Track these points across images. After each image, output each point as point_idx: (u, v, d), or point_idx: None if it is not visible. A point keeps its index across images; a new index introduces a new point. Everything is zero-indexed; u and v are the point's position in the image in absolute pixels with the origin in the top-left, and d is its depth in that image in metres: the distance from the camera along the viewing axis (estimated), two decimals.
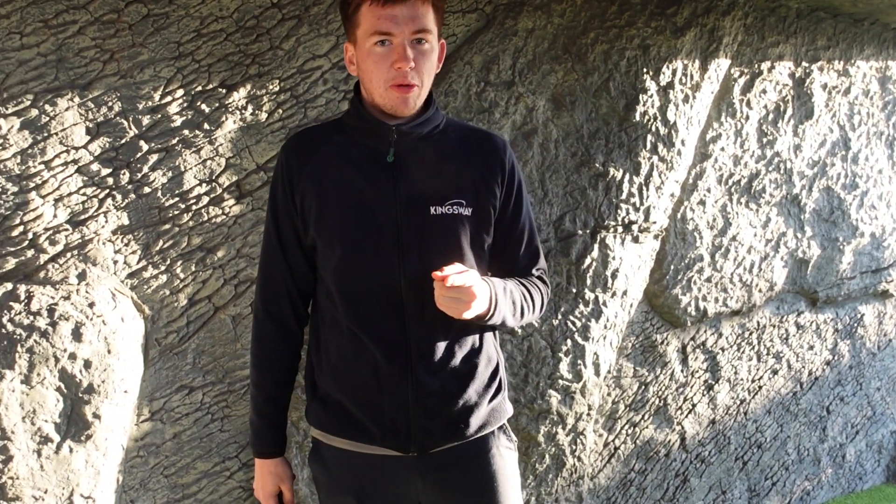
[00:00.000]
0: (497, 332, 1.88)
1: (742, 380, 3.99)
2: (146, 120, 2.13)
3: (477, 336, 1.78)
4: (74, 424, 2.09)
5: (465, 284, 1.55)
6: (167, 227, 2.20)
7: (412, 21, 1.57)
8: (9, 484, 2.01)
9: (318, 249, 1.73)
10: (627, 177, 3.12)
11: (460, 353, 1.73)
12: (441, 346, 1.71)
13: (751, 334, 3.96)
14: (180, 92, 2.16)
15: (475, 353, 1.77)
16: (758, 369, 4.05)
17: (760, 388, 4.10)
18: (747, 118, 3.51)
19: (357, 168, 1.69)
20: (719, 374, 3.91)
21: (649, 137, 3.14)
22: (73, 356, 2.07)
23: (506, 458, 1.83)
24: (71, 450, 2.09)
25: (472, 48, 2.70)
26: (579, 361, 3.13)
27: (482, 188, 1.74)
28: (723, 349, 3.89)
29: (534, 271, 1.85)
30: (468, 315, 1.59)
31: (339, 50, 2.38)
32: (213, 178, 2.25)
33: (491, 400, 1.80)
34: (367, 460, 1.74)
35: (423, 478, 1.74)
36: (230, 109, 2.24)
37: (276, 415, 1.85)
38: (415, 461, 1.72)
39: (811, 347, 4.24)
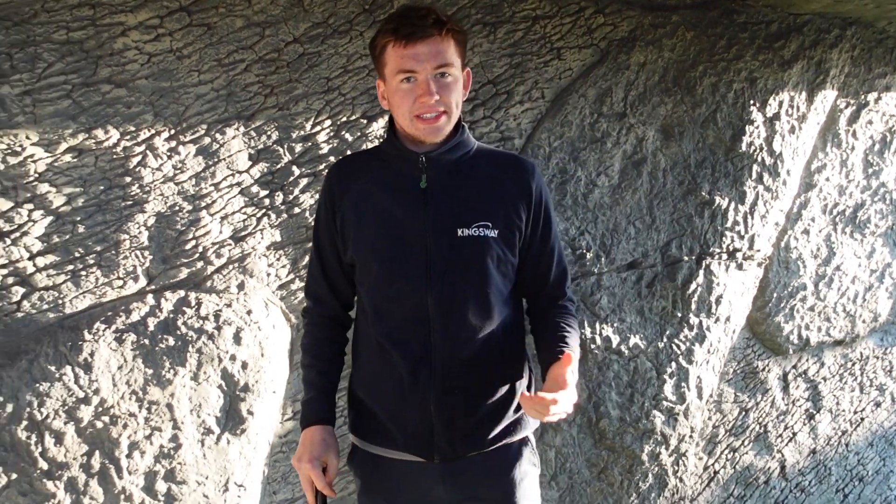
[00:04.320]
0: (526, 347, 1.99)
1: (844, 411, 4.04)
2: (298, 147, 2.42)
3: (502, 352, 1.88)
4: (232, 419, 2.38)
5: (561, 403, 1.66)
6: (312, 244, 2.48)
7: (433, 57, 1.71)
8: (178, 468, 2.31)
9: (356, 268, 1.89)
10: (733, 205, 3.27)
11: (483, 369, 1.84)
12: (464, 363, 1.83)
13: (854, 365, 4.02)
14: (328, 122, 2.45)
15: (499, 368, 1.88)
16: (860, 401, 4.10)
17: (863, 419, 4.14)
18: (853, 148, 3.62)
19: (391, 193, 1.83)
20: (821, 404, 3.97)
21: (755, 167, 3.29)
22: (233, 357, 2.36)
23: (526, 472, 1.92)
24: (228, 442, 2.38)
25: (586, 81, 2.92)
26: (683, 384, 3.27)
27: (509, 211, 1.84)
28: (825, 379, 3.96)
29: (566, 289, 1.97)
30: (570, 406, 1.69)
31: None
32: None
33: (515, 412, 1.91)
34: (396, 465, 1.88)
35: (444, 483, 1.86)
36: (370, 138, 2.51)
37: (327, 386, 1.95)
38: (438, 467, 1.85)
39: None
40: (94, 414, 2.20)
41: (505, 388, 1.89)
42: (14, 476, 2.12)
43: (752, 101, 3.23)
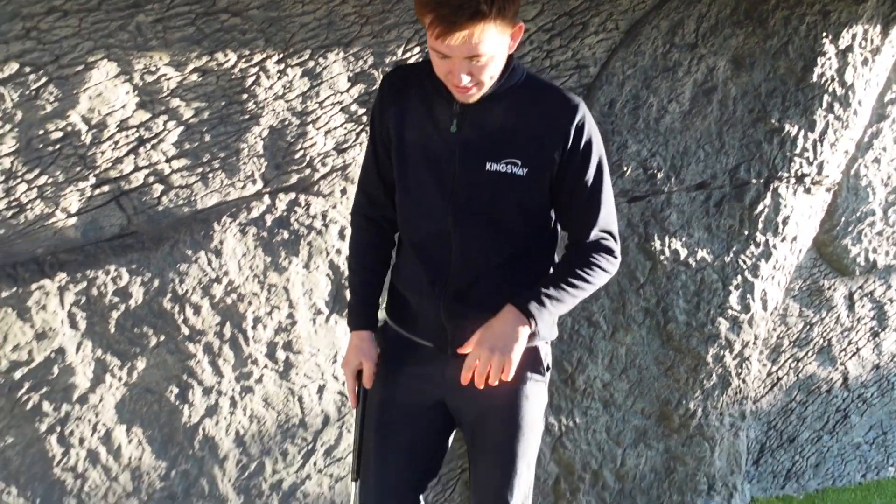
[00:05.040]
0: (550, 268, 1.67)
1: None
2: None
3: (519, 281, 1.59)
4: (338, 303, 2.32)
5: (490, 365, 1.46)
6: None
7: (467, 48, 1.37)
8: (294, 340, 2.30)
9: (395, 177, 1.63)
10: (802, 133, 2.89)
11: (496, 291, 1.57)
12: (476, 283, 1.59)
13: None
14: (417, 49, 2.29)
15: (514, 289, 1.58)
16: None
17: None
18: None
19: (431, 116, 1.55)
20: (886, 323, 3.53)
21: (825, 97, 2.88)
22: (338, 251, 2.29)
23: (528, 378, 1.65)
24: (336, 322, 2.33)
25: (659, 13, 2.61)
26: (748, 295, 2.96)
27: (540, 150, 1.52)
28: (891, 300, 3.51)
29: (591, 233, 1.57)
30: (516, 358, 1.48)
31: (543, 16, 2.41)
32: None
33: None
34: (414, 344, 1.68)
35: (453, 370, 1.58)
36: None
37: (368, 294, 1.73)
38: (450, 358, 1.61)
39: None
40: (225, 292, 2.20)
41: None
42: (163, 338, 2.16)
43: (824, 34, 2.81)
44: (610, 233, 1.60)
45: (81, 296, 2.05)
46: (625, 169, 2.69)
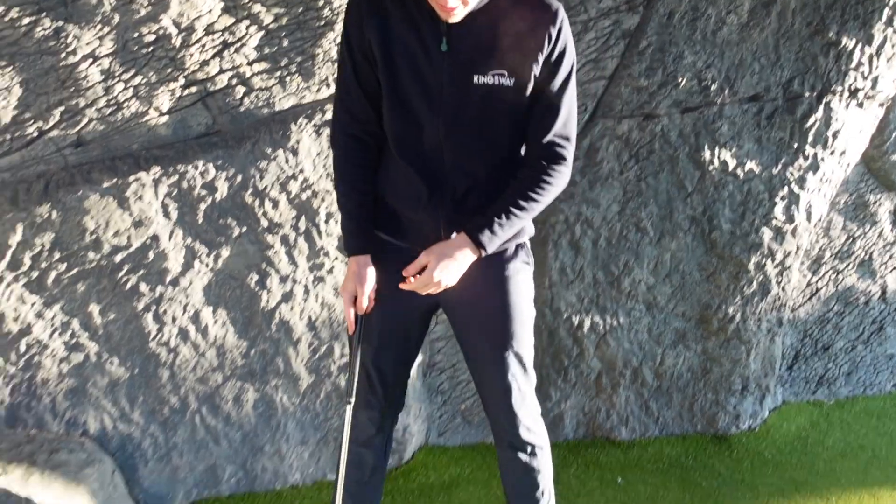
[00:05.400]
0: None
1: None
2: None
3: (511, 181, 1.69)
4: None
5: (431, 280, 1.62)
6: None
7: None
8: None
9: (383, 95, 1.65)
10: (859, 47, 2.92)
11: (493, 195, 1.67)
12: (474, 191, 1.68)
13: None
14: None
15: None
16: None
17: None
18: None
19: (418, 34, 1.57)
20: None
21: (886, 10, 2.89)
22: None
23: (519, 269, 1.78)
24: None
25: None
26: (793, 206, 3.08)
27: (524, 57, 1.56)
28: None
29: (548, 137, 1.63)
30: (451, 280, 1.65)
31: None
32: None
33: None
34: (403, 251, 1.74)
35: None
36: None
37: (365, 216, 1.74)
38: None
39: None
40: (300, 188, 2.41)
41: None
42: (244, 229, 2.39)
43: None
44: (567, 137, 1.66)
45: (173, 188, 2.28)
46: (679, 80, 2.79)
